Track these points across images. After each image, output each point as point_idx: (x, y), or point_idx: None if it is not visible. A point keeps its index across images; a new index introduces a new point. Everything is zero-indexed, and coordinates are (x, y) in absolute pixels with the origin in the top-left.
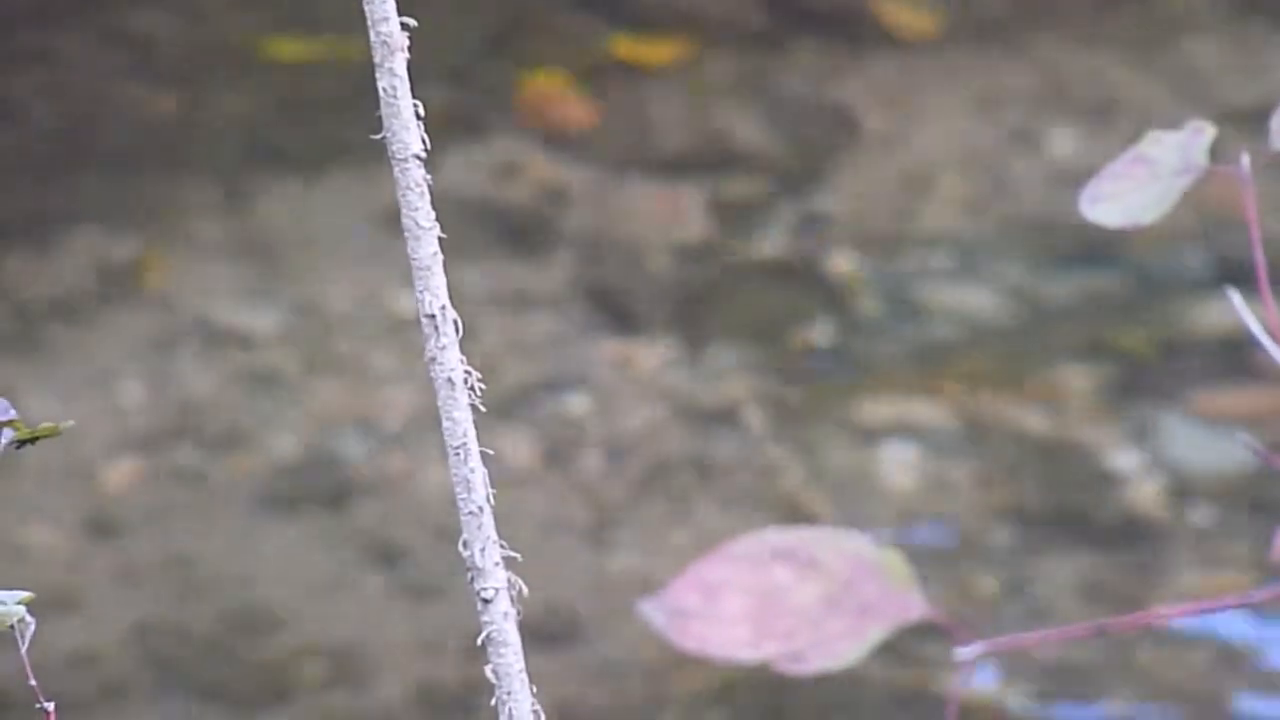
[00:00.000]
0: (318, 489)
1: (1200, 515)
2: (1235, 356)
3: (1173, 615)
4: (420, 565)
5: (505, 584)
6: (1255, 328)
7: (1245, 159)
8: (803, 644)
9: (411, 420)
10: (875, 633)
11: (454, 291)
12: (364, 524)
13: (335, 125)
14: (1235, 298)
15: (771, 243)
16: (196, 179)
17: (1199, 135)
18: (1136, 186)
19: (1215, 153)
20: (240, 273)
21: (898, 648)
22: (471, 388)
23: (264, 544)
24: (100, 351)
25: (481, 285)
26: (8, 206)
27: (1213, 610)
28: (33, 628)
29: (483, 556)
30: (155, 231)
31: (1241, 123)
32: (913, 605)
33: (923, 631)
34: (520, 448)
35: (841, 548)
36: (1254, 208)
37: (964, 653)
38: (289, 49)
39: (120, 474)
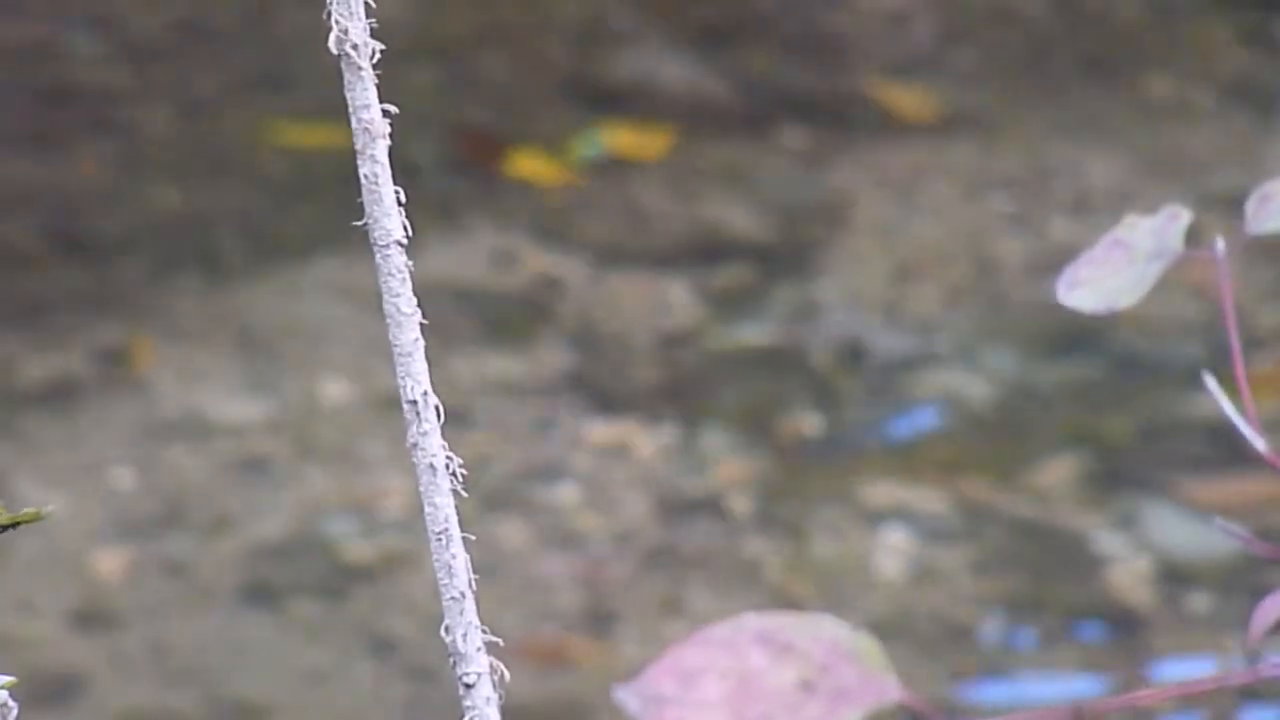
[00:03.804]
0: (308, 576)
1: (1190, 603)
2: (1225, 443)
3: (1151, 698)
4: (412, 653)
5: (487, 669)
6: (1233, 414)
7: (1220, 243)
8: None
9: (403, 507)
10: (851, 717)
11: (444, 380)
12: (355, 611)
13: (326, 212)
14: (1212, 383)
15: (761, 330)
16: (188, 266)
17: (1175, 220)
18: (1113, 271)
19: (1203, 238)
20: (231, 359)
21: None
22: (454, 473)
23: (254, 632)
24: (90, 439)
25: (471, 374)
26: (0, 294)
27: (1190, 692)
28: (15, 713)
29: (464, 642)
30: (146, 319)
31: (1231, 210)
32: (888, 689)
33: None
34: (510, 535)
35: (817, 632)
36: (1229, 291)
37: None
38: (283, 136)
39: (109, 562)
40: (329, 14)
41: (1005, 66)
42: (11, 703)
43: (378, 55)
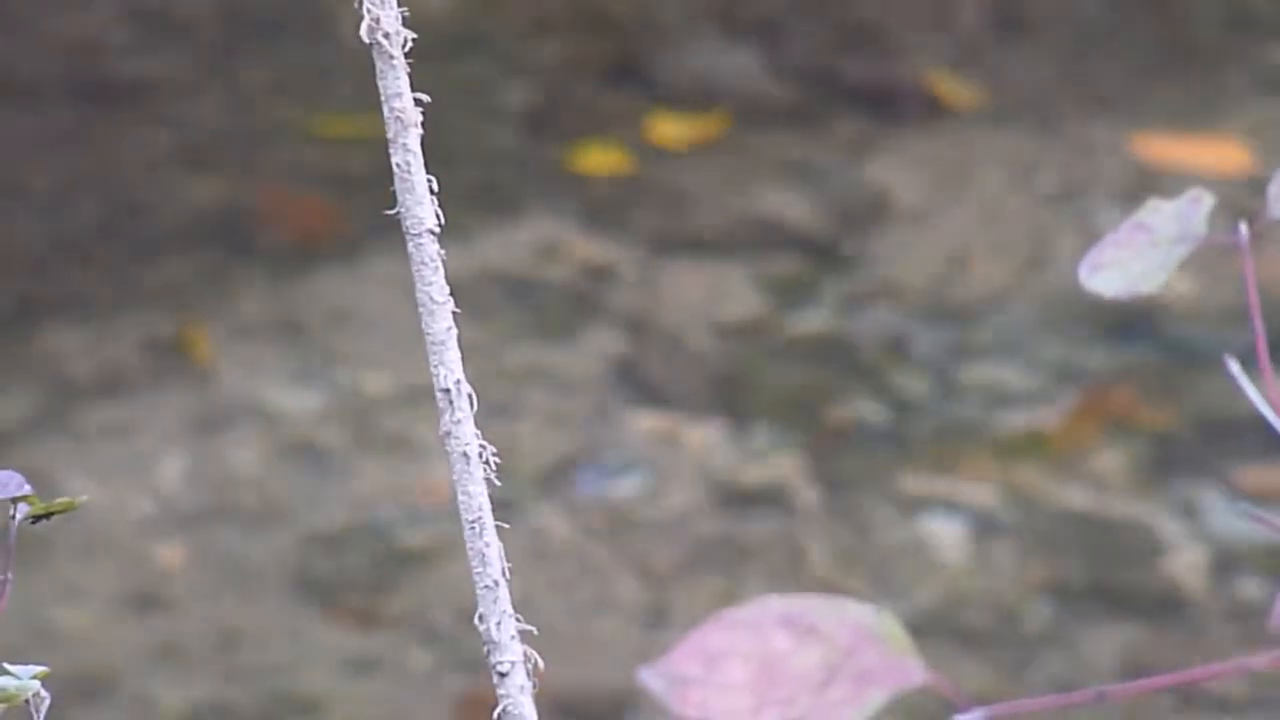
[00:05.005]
0: (360, 566)
1: (1244, 590)
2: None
3: (1174, 681)
4: (464, 643)
5: (521, 657)
6: (1259, 400)
7: (1243, 227)
8: (803, 711)
9: (453, 497)
10: (875, 699)
11: (496, 370)
12: (408, 602)
13: (378, 202)
14: (1237, 369)
15: (812, 319)
16: (240, 258)
17: (1198, 203)
18: (1136, 255)
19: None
20: (283, 351)
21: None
22: (487, 462)
23: (307, 622)
24: (143, 430)
25: (521, 364)
26: (52, 287)
27: (1211, 678)
28: (48, 702)
29: (498, 630)
30: (199, 310)
31: None
32: (912, 672)
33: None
34: (562, 526)
35: (842, 615)
36: (1253, 276)
37: (964, 719)
38: (334, 127)
39: (162, 553)
40: (360, 2)
41: (1054, 54)
42: (44, 693)
43: (410, 44)
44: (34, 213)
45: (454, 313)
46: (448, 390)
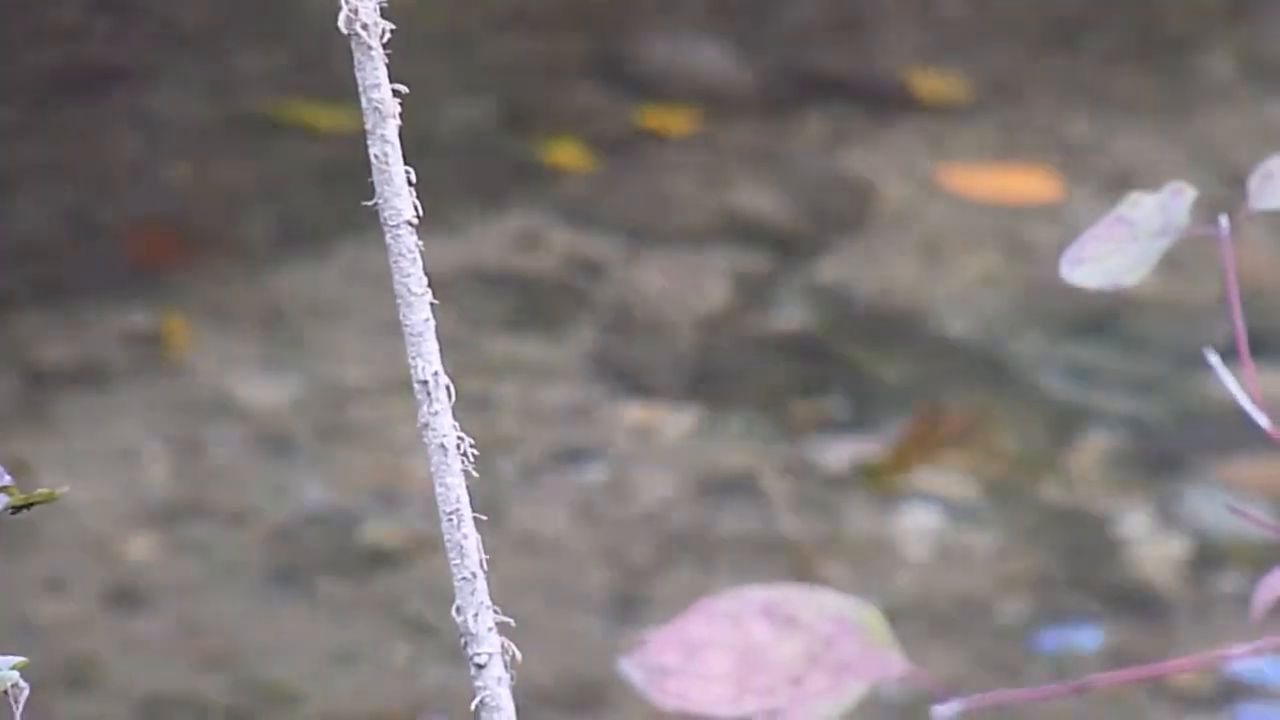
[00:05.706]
0: (336, 558)
1: (1223, 584)
2: (1257, 425)
3: (1153, 674)
4: (440, 634)
5: (499, 649)
6: (1237, 392)
7: (1224, 220)
8: (783, 701)
9: (430, 489)
10: (854, 690)
11: (474, 362)
12: (383, 593)
13: (353, 193)
14: (1216, 360)
15: (789, 313)
16: (215, 248)
17: (1179, 196)
18: (1117, 248)
19: (1234, 220)
20: (259, 342)
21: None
22: (464, 453)
23: (282, 614)
24: (118, 422)
25: (501, 356)
26: (25, 278)
27: (1188, 669)
28: (26, 693)
29: (476, 622)
30: (171, 301)
31: None
32: (892, 663)
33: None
34: (541, 517)
35: (821, 606)
36: (1232, 268)
37: (941, 711)
38: (309, 118)
39: (138, 545)
40: None
41: (1031, 46)
42: (23, 684)
43: (388, 35)
44: (8, 201)
45: (432, 304)
46: (425, 382)
